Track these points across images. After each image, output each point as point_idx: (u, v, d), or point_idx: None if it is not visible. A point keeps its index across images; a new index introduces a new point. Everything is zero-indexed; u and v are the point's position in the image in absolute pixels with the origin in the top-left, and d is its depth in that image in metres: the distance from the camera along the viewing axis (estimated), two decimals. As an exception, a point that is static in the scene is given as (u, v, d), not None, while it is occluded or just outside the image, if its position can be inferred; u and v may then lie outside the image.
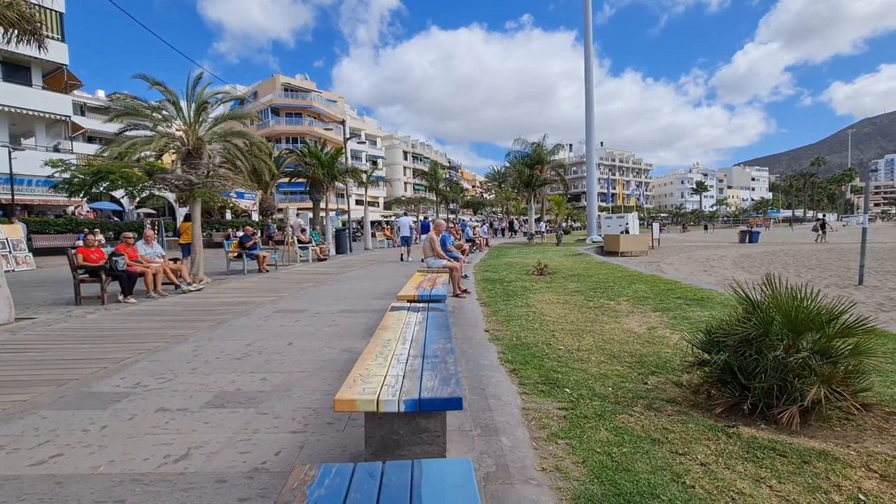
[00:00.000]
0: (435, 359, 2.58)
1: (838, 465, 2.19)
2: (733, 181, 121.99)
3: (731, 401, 2.82)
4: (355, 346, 4.47)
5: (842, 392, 2.61)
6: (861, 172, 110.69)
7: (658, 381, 3.43)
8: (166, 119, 10.84)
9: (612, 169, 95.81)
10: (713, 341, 3.07)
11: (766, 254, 19.43)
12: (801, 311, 2.79)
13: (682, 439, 2.49)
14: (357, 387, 2.12)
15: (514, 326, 5.29)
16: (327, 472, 1.35)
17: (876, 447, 2.37)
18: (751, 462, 2.25)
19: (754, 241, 27.33)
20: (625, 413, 2.86)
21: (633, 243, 18.96)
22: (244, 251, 11.85)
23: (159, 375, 3.80)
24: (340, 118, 38.14)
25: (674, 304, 6.33)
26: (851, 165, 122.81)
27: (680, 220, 73.23)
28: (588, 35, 25.87)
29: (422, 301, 4.79)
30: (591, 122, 25.87)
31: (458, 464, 1.39)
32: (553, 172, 33.11)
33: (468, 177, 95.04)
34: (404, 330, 3.32)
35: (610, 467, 2.23)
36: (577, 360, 3.96)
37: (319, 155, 24.22)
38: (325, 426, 2.80)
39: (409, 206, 57.73)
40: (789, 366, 2.65)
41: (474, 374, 3.71)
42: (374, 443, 2.18)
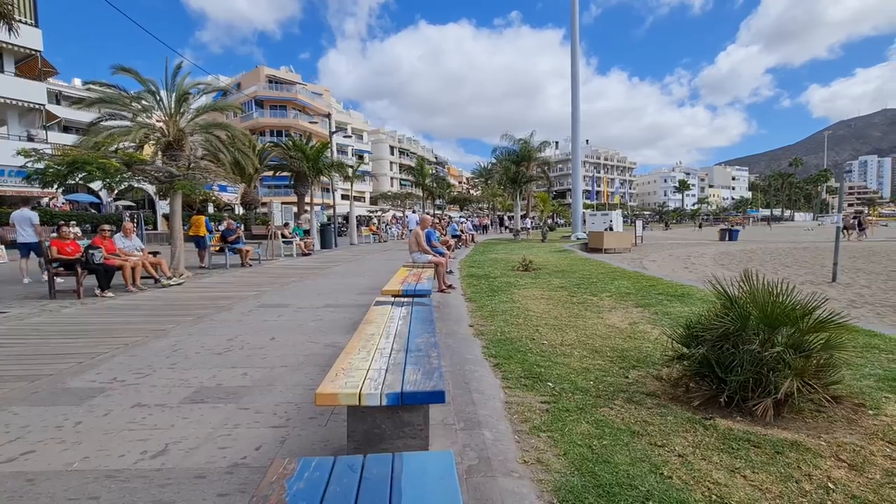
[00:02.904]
0: (418, 353, 2.57)
1: (809, 455, 2.26)
2: (714, 180, 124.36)
3: (709, 394, 2.89)
4: (339, 341, 4.44)
5: (814, 385, 2.69)
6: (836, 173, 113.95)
7: (639, 374, 3.49)
8: (146, 109, 10.57)
9: (597, 167, 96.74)
10: (692, 336, 3.13)
11: (744, 251, 19.87)
12: (776, 306, 2.86)
13: (661, 431, 2.54)
14: (339, 381, 2.10)
15: (498, 321, 5.31)
16: (307, 465, 1.33)
17: (845, 438, 2.45)
18: (726, 453, 2.30)
19: (734, 239, 27.95)
20: (606, 406, 2.90)
21: (617, 240, 19.19)
22: (227, 245, 11.66)
23: (137, 371, 3.72)
24: (326, 111, 37.71)
25: (655, 299, 6.43)
26: (827, 166, 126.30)
27: (663, 218, 74.44)
28: (575, 34, 26.01)
29: (406, 296, 4.78)
30: (577, 121, 26.06)
31: (439, 456, 1.40)
32: (539, 169, 33.31)
33: (455, 173, 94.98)
34: (388, 324, 3.31)
35: (590, 459, 2.26)
36: (560, 355, 4.00)
37: (304, 148, 23.91)
38: (307, 421, 2.78)
39: (395, 201, 57.44)
40: (764, 359, 2.71)
41: (458, 368, 3.72)
42: (357, 436, 2.17)
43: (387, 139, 68.63)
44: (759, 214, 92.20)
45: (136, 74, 10.23)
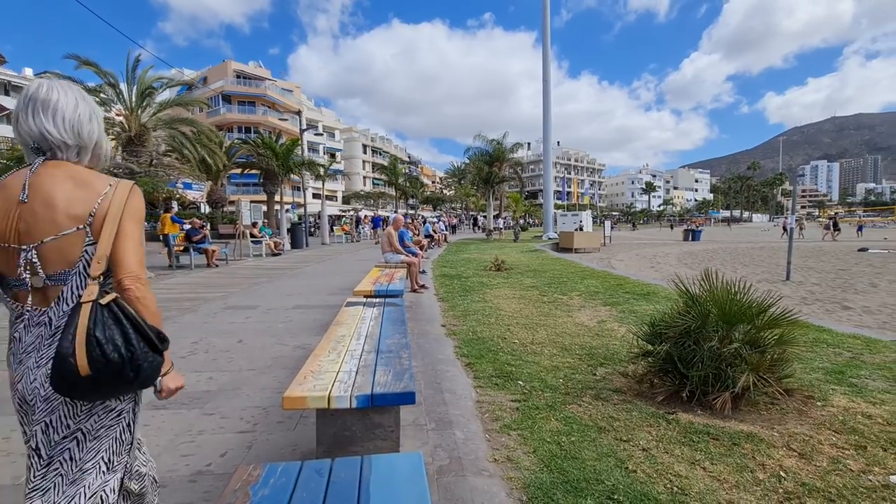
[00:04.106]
0: (389, 354, 2.56)
1: (763, 446, 2.37)
2: (679, 182, 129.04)
3: (672, 389, 2.99)
4: (309, 343, 4.36)
5: (768, 379, 2.83)
6: (790, 177, 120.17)
7: (606, 371, 3.58)
8: (104, 103, 10.11)
9: (567, 168, 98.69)
10: (656, 333, 3.24)
11: (706, 251, 20.69)
12: (734, 304, 2.99)
13: (626, 427, 2.62)
14: (307, 383, 2.07)
15: (470, 321, 5.34)
16: (272, 471, 1.31)
17: (796, 428, 2.58)
18: (687, 446, 2.39)
19: (696, 239, 29.06)
20: (574, 403, 2.96)
21: (587, 240, 19.63)
22: (192, 245, 11.27)
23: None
24: (296, 108, 37.00)
25: (622, 298, 6.61)
26: (782, 170, 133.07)
27: (630, 219, 76.62)
28: (546, 37, 26.44)
29: (378, 296, 4.75)
30: (549, 123, 26.50)
31: (409, 458, 1.39)
32: (511, 170, 33.69)
33: (428, 172, 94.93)
34: (359, 325, 3.27)
35: (559, 456, 2.31)
36: (531, 353, 4.06)
37: (274, 146, 23.37)
38: (275, 425, 2.72)
39: (368, 200, 56.94)
40: (723, 355, 2.83)
41: (430, 368, 3.73)
42: (326, 440, 2.14)
43: (359, 138, 67.91)
44: (719, 216, 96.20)
45: (96, 67, 9.77)
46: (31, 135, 1.14)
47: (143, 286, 1.17)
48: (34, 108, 1.14)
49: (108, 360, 1.03)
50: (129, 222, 1.17)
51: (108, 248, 1.12)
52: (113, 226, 1.13)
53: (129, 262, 1.15)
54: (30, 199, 1.09)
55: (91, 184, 1.16)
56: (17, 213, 1.09)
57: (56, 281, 1.11)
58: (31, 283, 1.10)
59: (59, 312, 1.12)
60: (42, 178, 1.12)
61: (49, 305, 1.12)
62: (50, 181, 1.12)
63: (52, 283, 1.11)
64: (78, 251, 1.12)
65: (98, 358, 1.02)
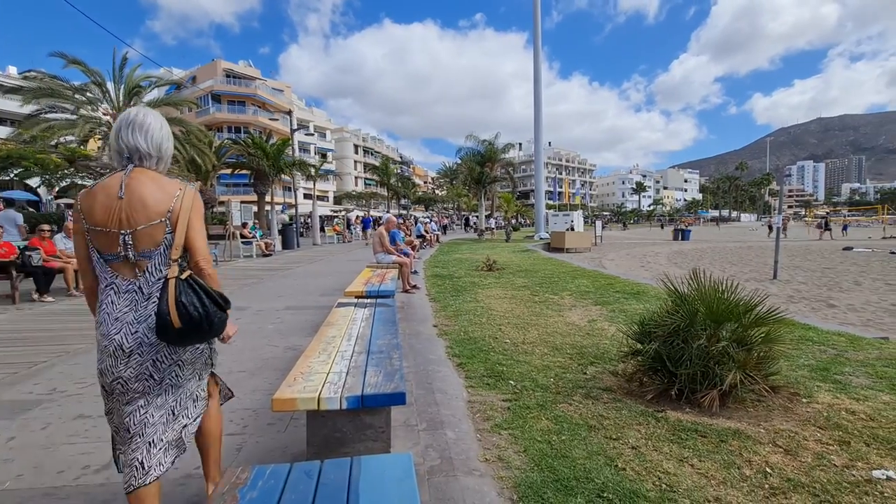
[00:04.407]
0: (380, 354, 2.55)
1: (750, 443, 2.41)
2: (668, 182, 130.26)
3: (661, 387, 3.02)
4: (300, 344, 4.34)
5: (755, 376, 2.87)
6: (777, 177, 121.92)
7: (596, 370, 3.61)
8: (91, 102, 9.97)
9: (559, 168, 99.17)
10: (645, 332, 3.27)
11: (696, 251, 20.93)
12: (721, 303, 3.03)
13: (616, 425, 2.64)
14: (297, 385, 2.06)
15: (462, 321, 5.35)
16: (261, 473, 1.30)
17: (782, 425, 2.62)
18: (676, 443, 2.42)
19: (686, 238, 29.38)
20: (565, 402, 2.98)
21: (578, 240, 19.75)
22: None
23: (79, 380, 3.50)
24: (287, 108, 36.74)
25: (613, 297, 6.66)
26: (769, 170, 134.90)
27: (621, 219, 77.19)
28: (537, 38, 26.55)
29: (370, 297, 4.74)
30: (540, 123, 26.61)
31: (398, 459, 1.39)
32: (503, 170, 33.78)
33: (420, 172, 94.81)
34: (350, 326, 3.26)
35: (549, 454, 2.32)
36: (522, 353, 4.07)
37: (264, 146, 23.18)
38: (265, 427, 2.70)
39: (359, 200, 56.73)
40: (711, 353, 2.87)
41: (422, 368, 3.73)
42: (317, 441, 2.13)
43: (351, 138, 67.64)
44: (708, 215, 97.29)
45: (84, 65, 9.62)
46: (129, 146, 1.54)
47: (210, 265, 1.62)
48: (132, 128, 1.54)
49: (190, 316, 1.46)
50: (196, 219, 1.59)
51: (182, 238, 1.54)
52: (184, 221, 1.54)
53: (201, 248, 1.60)
54: (126, 197, 1.48)
55: (167, 187, 1.55)
56: (118, 207, 1.47)
57: (143, 257, 1.51)
58: (127, 258, 1.49)
59: (147, 282, 1.52)
60: (134, 181, 1.50)
61: (136, 277, 1.52)
62: (140, 184, 1.51)
63: (140, 259, 1.51)
64: (160, 236, 1.52)
65: (184, 315, 1.45)
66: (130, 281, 1.52)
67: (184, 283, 1.49)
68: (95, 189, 1.52)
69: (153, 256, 1.52)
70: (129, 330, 1.51)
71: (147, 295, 1.52)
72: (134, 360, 1.51)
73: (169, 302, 1.45)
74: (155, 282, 1.52)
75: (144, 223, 1.49)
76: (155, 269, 1.52)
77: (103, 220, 1.47)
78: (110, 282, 1.52)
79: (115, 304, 1.52)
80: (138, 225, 1.48)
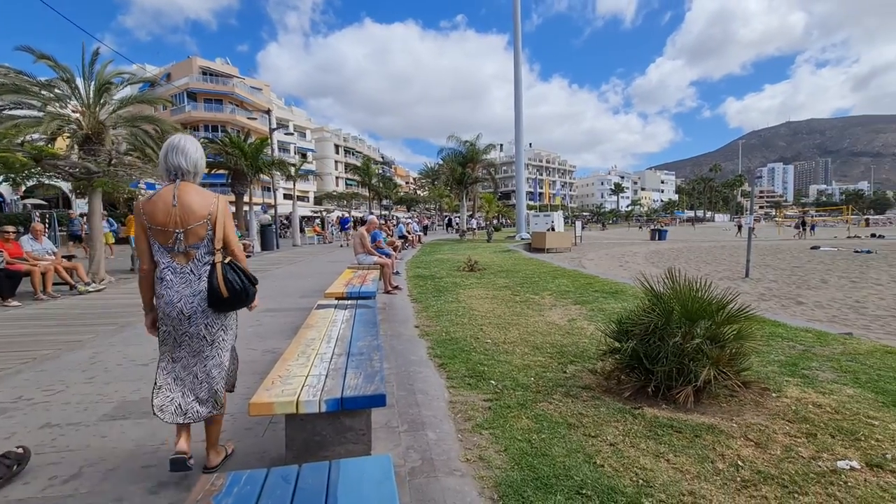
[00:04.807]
0: (360, 356, 2.54)
1: (723, 437, 2.48)
2: (646, 183, 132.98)
3: (638, 384, 3.08)
4: (279, 347, 4.27)
5: (727, 372, 2.95)
6: (748, 178, 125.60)
7: (576, 369, 3.66)
8: (59, 99, 9.60)
9: (539, 169, 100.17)
10: (623, 331, 3.32)
11: (672, 250, 21.41)
12: (695, 301, 3.10)
13: (595, 422, 2.68)
14: (275, 389, 2.03)
15: (443, 322, 5.35)
16: (237, 480, 1.27)
17: (753, 419, 2.71)
18: (652, 440, 2.47)
19: (663, 238, 30.03)
20: (545, 401, 3.01)
21: (559, 240, 19.98)
22: (154, 247, 10.83)
23: (47, 387, 3.37)
24: (266, 107, 36.11)
25: (592, 297, 6.77)
26: (741, 172, 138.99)
27: (600, 219, 78.42)
28: (517, 40, 26.75)
29: (350, 298, 4.70)
30: (521, 125, 26.83)
31: (378, 461, 1.38)
32: (484, 171, 33.93)
33: (402, 173, 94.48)
34: (330, 328, 3.23)
35: (529, 453, 2.34)
36: (503, 353, 4.10)
37: (242, 145, 22.74)
38: (243, 432, 2.65)
39: (340, 201, 56.18)
40: (686, 351, 2.94)
41: (403, 370, 3.71)
42: (296, 445, 2.10)
43: (331, 137, 66.93)
44: (684, 216, 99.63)
45: (53, 61, 9.26)
46: (174, 166, 2.06)
47: (242, 253, 2.25)
48: (176, 152, 2.06)
49: (234, 289, 2.08)
50: (229, 220, 2.17)
51: (221, 234, 2.10)
52: (222, 221, 2.10)
53: (234, 240, 2.19)
54: (178, 204, 2.00)
55: (206, 197, 2.10)
56: (174, 212, 1.99)
57: (192, 248, 2.05)
58: (178, 249, 2.03)
59: (196, 266, 2.07)
60: (183, 192, 2.02)
61: (187, 263, 2.06)
62: (187, 194, 2.03)
63: (190, 249, 2.05)
64: (204, 233, 2.06)
65: (230, 288, 2.06)
66: (184, 265, 2.05)
67: (227, 266, 2.10)
68: (154, 199, 2.02)
69: (199, 248, 2.07)
70: (187, 301, 2.05)
71: (198, 276, 2.07)
72: (193, 321, 2.07)
73: (218, 279, 2.04)
74: (202, 266, 2.08)
75: (193, 223, 2.02)
76: (201, 256, 2.08)
77: (163, 221, 1.99)
78: (168, 265, 2.05)
79: (173, 282, 2.05)
80: (188, 225, 2.01)
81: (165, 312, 2.07)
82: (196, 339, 2.09)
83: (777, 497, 1.97)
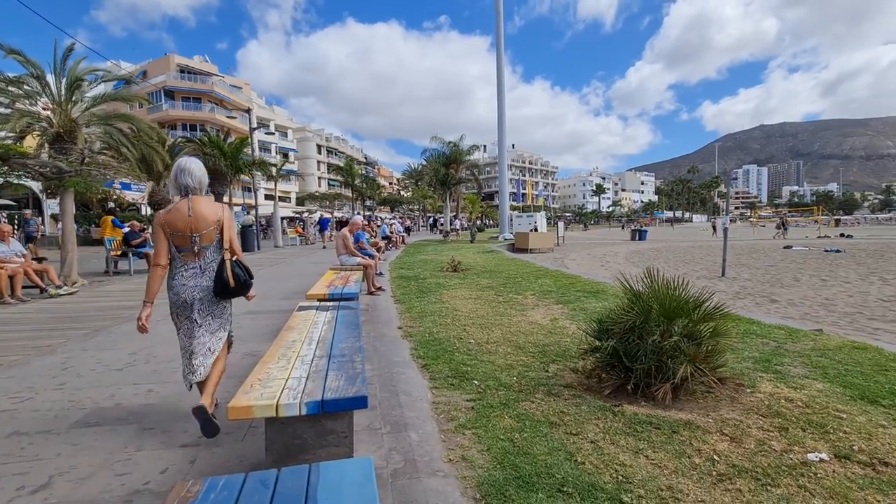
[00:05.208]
0: (342, 358, 2.52)
1: (699, 432, 2.53)
2: (626, 185, 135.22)
3: (618, 382, 3.13)
4: (260, 350, 4.20)
5: (704, 369, 3.02)
6: (724, 180, 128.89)
7: (558, 368, 3.69)
8: (28, 95, 9.28)
9: (522, 170, 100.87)
10: (604, 330, 3.37)
11: (652, 250, 21.81)
12: (673, 300, 3.17)
13: (576, 420, 2.71)
14: (254, 392, 2.00)
15: (427, 322, 5.35)
16: (213, 485, 1.25)
17: (728, 414, 2.78)
18: (632, 436, 2.51)
19: (643, 238, 30.58)
20: (527, 400, 3.03)
21: (541, 240, 20.15)
22: (130, 249, 10.56)
23: (14, 394, 3.25)
24: (246, 106, 35.46)
25: (574, 296, 6.84)
26: (718, 174, 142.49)
27: (582, 220, 79.39)
28: (500, 42, 26.91)
29: (333, 299, 4.65)
30: (503, 126, 26.99)
31: (359, 463, 1.38)
32: (468, 172, 34.03)
33: (385, 173, 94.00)
34: (311, 330, 3.20)
35: (512, 452, 2.35)
36: (486, 353, 4.12)
37: (221, 145, 22.34)
38: (221, 437, 2.59)
39: (323, 201, 55.61)
40: (664, 348, 3.00)
41: (386, 371, 3.70)
42: (276, 449, 2.08)
43: (314, 137, 66.20)
44: (663, 216, 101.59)
45: (22, 56, 8.95)
46: (183, 184, 2.51)
47: (242, 253, 2.70)
48: (184, 173, 2.51)
49: (239, 279, 2.54)
50: (231, 225, 2.62)
51: (228, 236, 2.57)
52: (228, 226, 2.57)
53: (237, 243, 2.65)
54: (193, 214, 2.46)
55: (214, 207, 2.55)
56: (190, 221, 2.45)
57: (204, 249, 2.51)
58: (194, 250, 2.49)
59: (204, 263, 2.53)
60: (195, 204, 2.48)
61: (196, 261, 2.51)
62: (199, 206, 2.49)
63: (202, 250, 2.51)
64: (213, 236, 2.53)
65: (236, 279, 2.52)
66: (194, 263, 2.53)
67: (234, 263, 2.58)
68: (172, 211, 2.48)
69: (209, 248, 2.55)
70: (191, 292, 2.51)
71: (203, 271, 2.54)
72: (195, 307, 2.53)
73: (227, 272, 2.52)
74: (208, 263, 2.55)
75: (205, 229, 2.50)
76: (210, 255, 2.55)
77: (183, 228, 2.46)
78: (182, 264, 2.52)
79: (184, 277, 2.51)
80: (202, 230, 2.49)
81: (173, 301, 2.54)
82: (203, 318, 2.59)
83: (751, 490, 2.02)
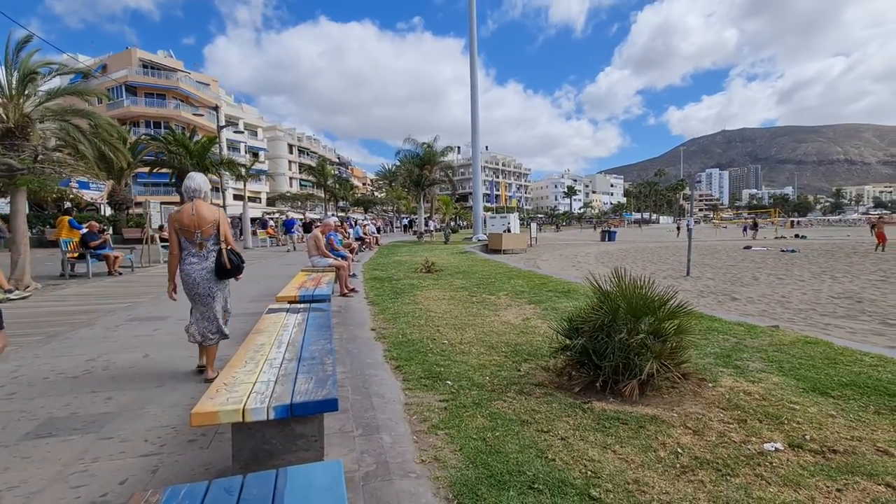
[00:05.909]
0: (312, 361, 2.47)
1: (664, 427, 2.62)
2: (597, 187, 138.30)
3: (588, 379, 3.20)
4: (226, 354, 4.07)
5: (669, 365, 3.12)
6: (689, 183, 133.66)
7: (529, 367, 3.74)
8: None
9: (496, 172, 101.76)
10: (573, 328, 3.44)
11: (621, 251, 22.39)
12: (640, 298, 3.26)
13: (547, 418, 2.76)
14: (220, 397, 1.94)
15: (400, 324, 5.32)
16: (174, 494, 1.20)
17: (691, 408, 2.88)
18: (600, 432, 2.57)
19: (612, 239, 31.35)
20: (500, 399, 3.06)
21: (514, 241, 20.37)
22: (89, 251, 10.07)
23: (-41, 406, 3.05)
24: (214, 103, 34.40)
25: (546, 296, 6.95)
26: (683, 177, 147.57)
27: (554, 221, 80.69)
28: (473, 45, 27.06)
29: (303, 301, 4.57)
30: (477, 128, 27.14)
31: (328, 466, 1.36)
32: (442, 173, 34.07)
33: (359, 174, 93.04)
34: (281, 333, 3.13)
35: (484, 451, 2.37)
36: (459, 353, 4.13)
37: (187, 143, 21.65)
38: (185, 445, 2.51)
39: (294, 202, 54.54)
40: (631, 346, 3.08)
41: (359, 373, 3.66)
42: (244, 455, 2.02)
43: (285, 137, 64.87)
44: (632, 217, 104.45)
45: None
46: (191, 191, 3.43)
47: (235, 244, 3.60)
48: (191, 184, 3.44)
49: (234, 263, 3.49)
50: (226, 222, 3.55)
51: (224, 232, 3.47)
52: (224, 223, 3.50)
53: (230, 235, 3.55)
54: (196, 214, 3.35)
55: (213, 209, 3.46)
56: (194, 219, 3.34)
57: (205, 241, 3.40)
58: (197, 241, 3.37)
59: (206, 252, 3.42)
60: (197, 206, 3.39)
61: (200, 250, 3.40)
62: (201, 208, 3.39)
63: (204, 242, 3.39)
64: (212, 231, 3.42)
65: (232, 263, 3.48)
66: (198, 252, 3.38)
67: (229, 251, 3.45)
68: (181, 211, 3.34)
69: (209, 241, 3.40)
70: (198, 274, 3.37)
71: (205, 257, 3.40)
72: (201, 285, 3.39)
73: (224, 258, 3.39)
74: (209, 252, 3.42)
75: (205, 226, 3.35)
76: (210, 246, 3.42)
77: (188, 225, 3.31)
78: (190, 252, 3.38)
79: (192, 262, 3.37)
80: (203, 227, 3.34)
81: (185, 280, 3.39)
82: (201, 296, 3.42)
83: (712, 480, 2.10)
